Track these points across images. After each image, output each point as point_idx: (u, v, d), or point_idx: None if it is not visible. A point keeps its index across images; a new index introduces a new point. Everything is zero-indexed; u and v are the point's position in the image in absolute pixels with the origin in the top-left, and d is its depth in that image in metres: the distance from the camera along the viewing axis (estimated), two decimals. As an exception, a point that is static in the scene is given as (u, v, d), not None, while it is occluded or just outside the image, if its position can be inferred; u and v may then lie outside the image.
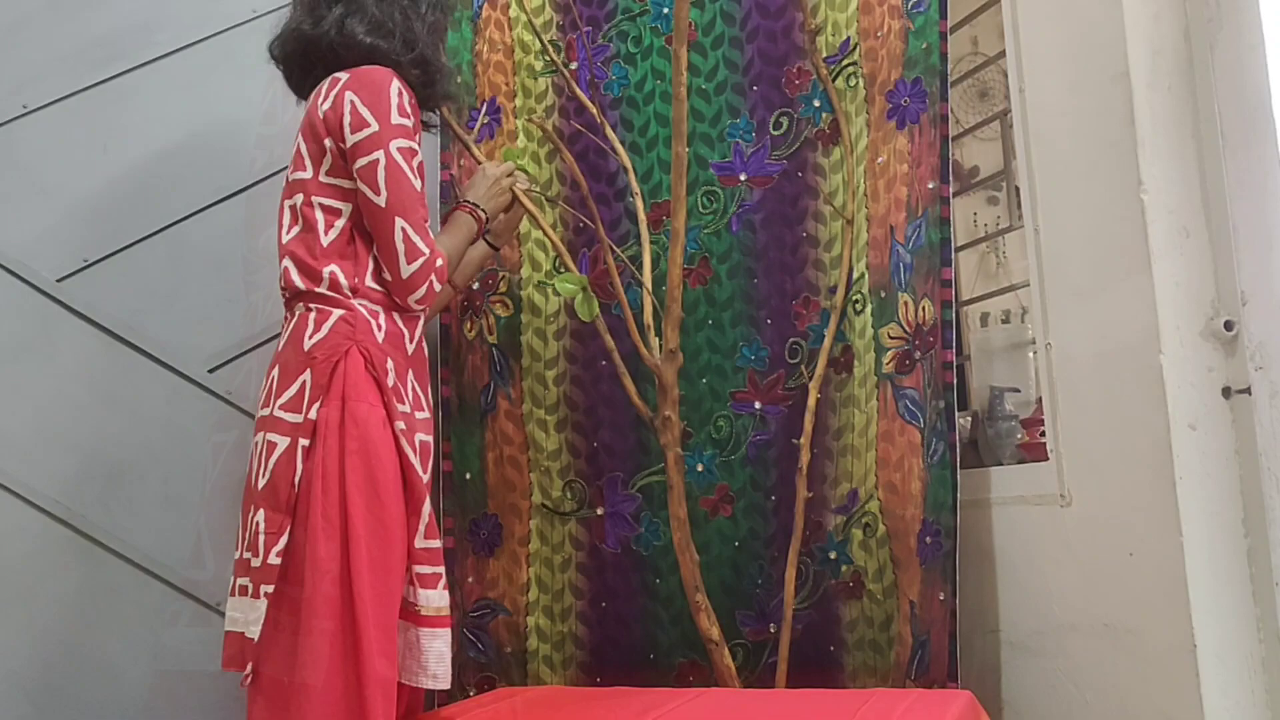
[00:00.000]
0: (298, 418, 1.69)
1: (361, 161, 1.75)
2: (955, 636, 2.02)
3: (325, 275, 1.76)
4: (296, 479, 1.66)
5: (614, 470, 2.40)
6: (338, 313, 1.75)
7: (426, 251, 1.77)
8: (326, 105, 1.79)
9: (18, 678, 1.95)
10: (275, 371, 1.76)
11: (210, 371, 2.20)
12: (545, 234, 2.35)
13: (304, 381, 1.71)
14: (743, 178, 2.40)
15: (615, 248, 2.34)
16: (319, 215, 1.79)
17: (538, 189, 2.13)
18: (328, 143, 1.78)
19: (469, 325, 2.49)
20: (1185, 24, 1.82)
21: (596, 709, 2.00)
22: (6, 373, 2.01)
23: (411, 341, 1.83)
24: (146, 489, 2.11)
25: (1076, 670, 1.91)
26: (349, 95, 1.77)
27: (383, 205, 1.75)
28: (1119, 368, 1.81)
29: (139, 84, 2.20)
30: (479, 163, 2.29)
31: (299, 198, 1.81)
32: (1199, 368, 1.74)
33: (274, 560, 1.64)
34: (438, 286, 1.80)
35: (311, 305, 1.77)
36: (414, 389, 1.81)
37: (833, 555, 2.26)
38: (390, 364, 1.75)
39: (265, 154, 2.32)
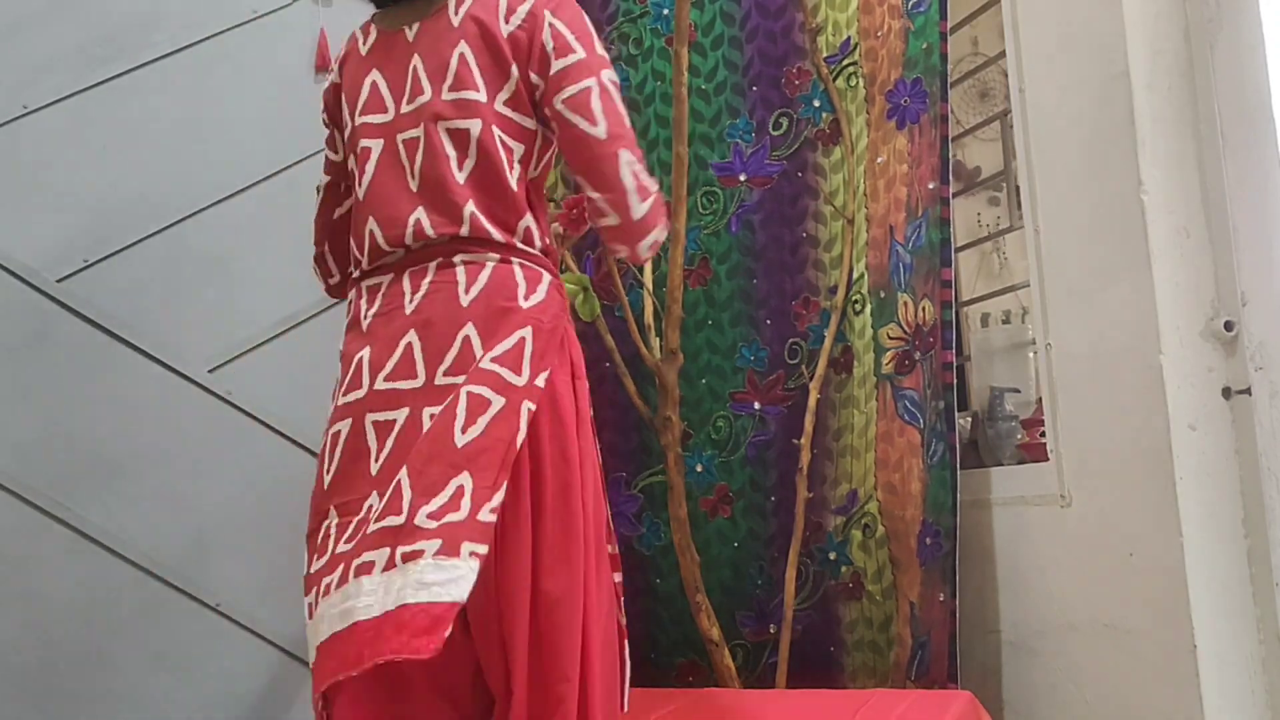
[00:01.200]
0: (518, 379, 1.43)
1: (571, 89, 1.51)
2: (955, 637, 2.02)
3: (520, 228, 1.52)
4: (518, 442, 1.40)
5: (617, 471, 2.40)
6: (548, 277, 1.54)
7: (655, 189, 1.53)
8: (515, 24, 1.53)
9: (17, 677, 1.95)
10: (469, 330, 1.46)
11: (210, 371, 2.20)
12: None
13: (523, 339, 1.46)
14: (742, 178, 2.40)
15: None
16: (501, 151, 1.52)
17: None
18: (514, 69, 1.52)
19: (469, 325, 2.48)
20: (1185, 24, 1.82)
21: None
22: (6, 373, 2.01)
23: None
24: (146, 489, 2.11)
25: (1077, 670, 1.91)
26: (548, 16, 1.53)
27: (602, 136, 1.50)
28: (1119, 368, 1.81)
29: (139, 84, 2.20)
30: None
31: (473, 124, 1.51)
32: (1199, 368, 1.74)
33: (487, 517, 1.36)
34: (664, 232, 1.56)
35: (512, 259, 1.51)
36: None
37: (832, 556, 2.26)
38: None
39: (266, 154, 2.32)
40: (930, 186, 2.13)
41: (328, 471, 1.48)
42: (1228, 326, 1.73)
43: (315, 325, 2.30)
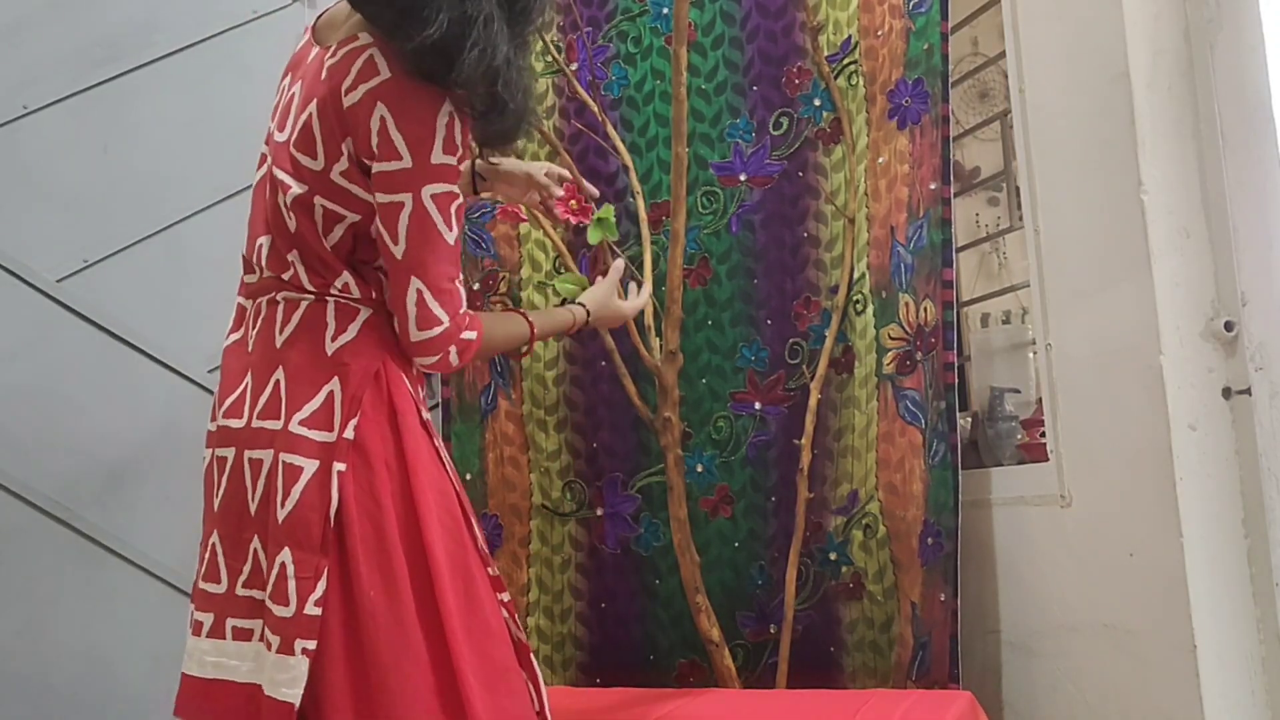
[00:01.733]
0: (328, 436, 1.39)
1: (383, 199, 1.41)
2: (956, 638, 2.02)
3: (338, 285, 1.47)
4: (332, 511, 1.37)
5: (614, 471, 2.40)
6: (365, 311, 1.47)
7: (445, 321, 1.43)
8: (354, 99, 1.39)
9: (17, 677, 1.95)
10: (279, 375, 1.44)
11: (210, 372, 2.20)
12: (546, 234, 2.35)
13: (331, 392, 1.41)
14: (742, 178, 2.40)
15: (615, 249, 2.34)
16: (320, 220, 1.46)
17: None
18: (347, 145, 1.42)
19: (469, 326, 2.48)
20: (1185, 24, 1.82)
21: (597, 710, 2.00)
22: (6, 373, 2.01)
23: None
24: (146, 489, 2.11)
25: (1077, 671, 1.91)
26: (380, 110, 1.38)
27: (398, 258, 1.42)
28: (1119, 368, 1.81)
29: (139, 84, 2.20)
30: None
31: (298, 187, 1.45)
32: (1199, 368, 1.74)
33: (312, 610, 1.34)
34: (454, 359, 1.47)
35: (327, 299, 1.47)
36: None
37: (833, 556, 2.26)
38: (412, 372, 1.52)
39: (265, 154, 2.32)
40: (932, 187, 2.13)
41: (215, 495, 1.50)
42: (1228, 327, 1.73)
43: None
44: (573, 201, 1.87)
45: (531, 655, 1.48)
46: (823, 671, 2.24)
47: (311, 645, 1.34)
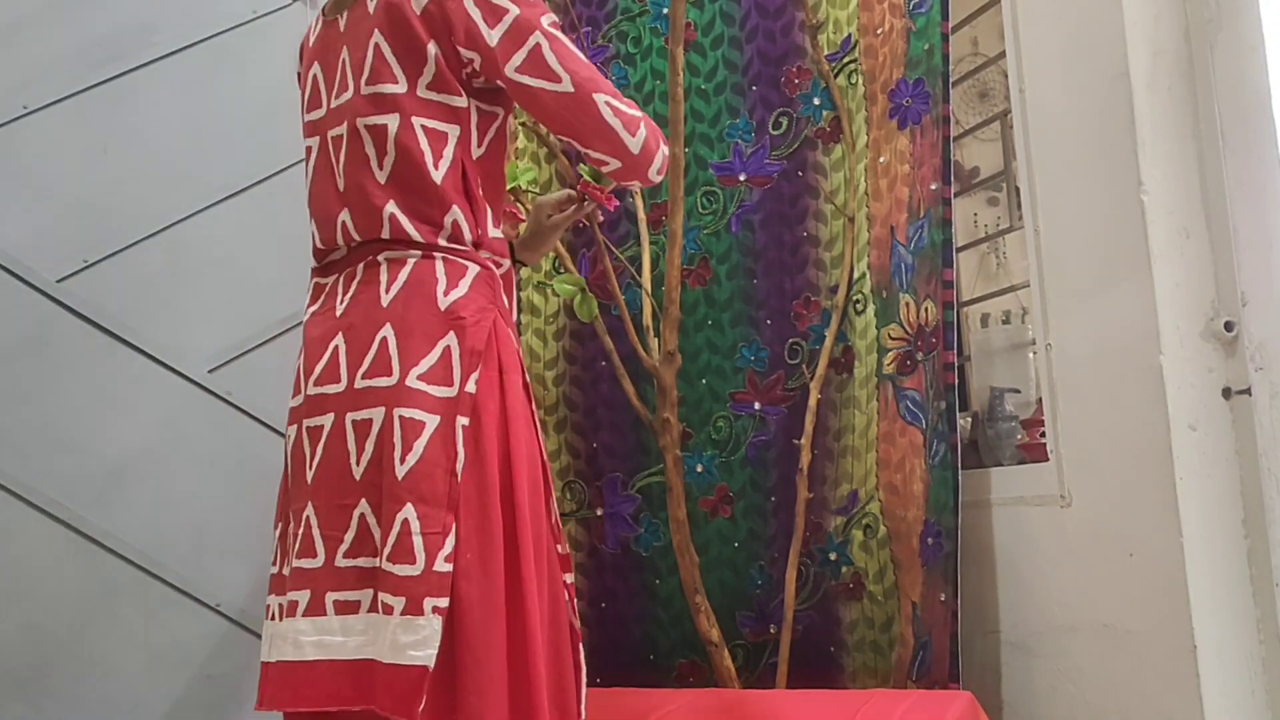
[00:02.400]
0: (449, 391, 1.37)
1: (519, 56, 1.41)
2: (956, 637, 2.02)
3: (447, 224, 1.44)
4: (459, 466, 1.34)
5: (613, 471, 2.40)
6: (474, 268, 1.46)
7: (640, 114, 1.46)
8: (425, 0, 1.42)
9: (17, 677, 1.95)
10: (387, 332, 1.40)
11: (210, 371, 2.20)
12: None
13: (447, 347, 1.39)
14: (742, 178, 2.40)
15: (614, 249, 2.34)
16: (424, 143, 1.43)
17: (537, 190, 2.12)
18: (431, 48, 1.42)
19: (469, 326, 2.49)
20: (1185, 24, 1.82)
21: (596, 710, 2.00)
22: (6, 373, 2.01)
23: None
24: (146, 489, 2.11)
25: (1077, 671, 1.91)
26: None
27: (572, 90, 1.42)
28: (1119, 368, 1.81)
29: (139, 84, 2.20)
30: None
31: (391, 119, 1.43)
32: (1199, 368, 1.74)
33: (443, 567, 1.31)
34: (665, 148, 1.50)
35: (435, 254, 1.44)
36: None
37: (833, 556, 2.26)
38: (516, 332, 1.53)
39: (265, 154, 2.32)
40: (932, 187, 2.13)
41: (287, 475, 1.48)
42: (1228, 327, 1.73)
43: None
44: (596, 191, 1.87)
45: (580, 645, 1.46)
46: (823, 672, 2.24)
47: (444, 603, 1.30)
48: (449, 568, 1.31)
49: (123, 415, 2.12)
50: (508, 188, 1.95)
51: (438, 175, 1.43)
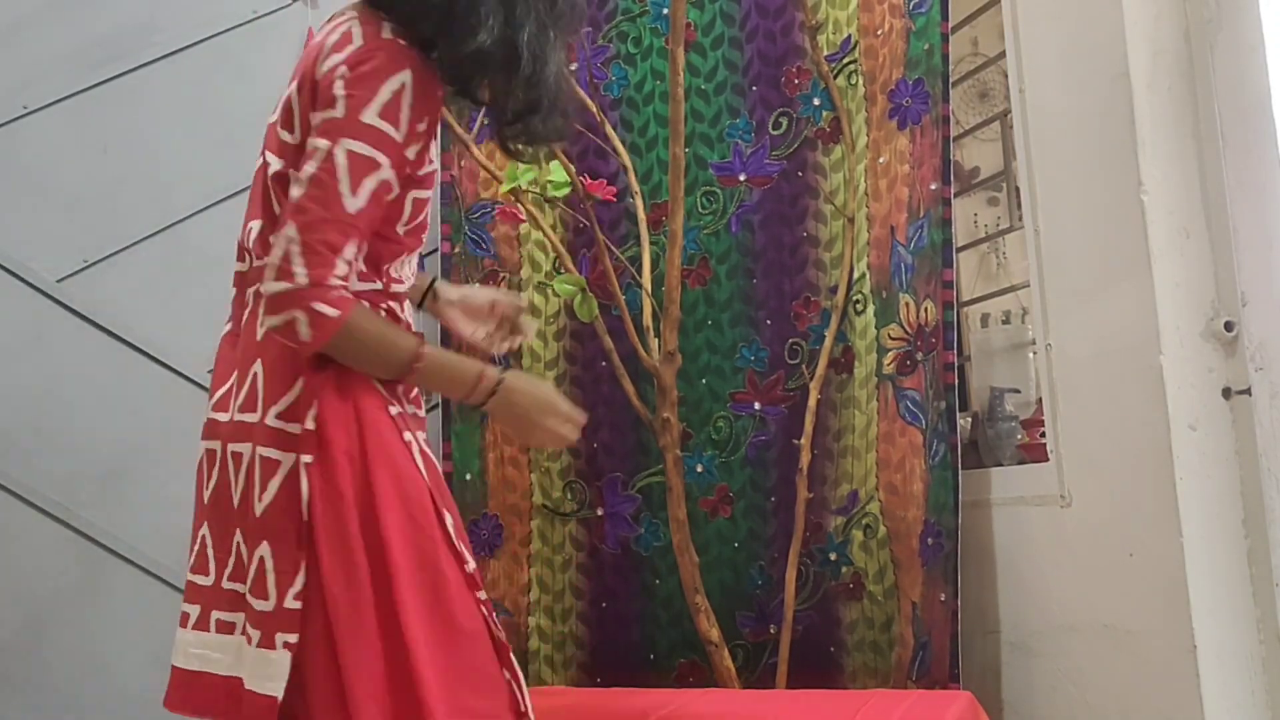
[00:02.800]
0: (296, 428, 1.36)
1: (310, 141, 1.36)
2: (956, 637, 2.02)
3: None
4: (305, 505, 1.34)
5: (614, 471, 2.40)
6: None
7: (302, 280, 1.30)
8: (325, 67, 1.38)
9: (17, 677, 1.95)
10: (257, 368, 1.41)
11: (210, 371, 2.20)
12: (545, 235, 2.35)
13: (301, 383, 1.38)
14: (742, 178, 2.40)
15: (614, 249, 2.34)
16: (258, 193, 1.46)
17: (537, 190, 2.12)
18: (314, 117, 1.39)
19: (469, 326, 2.48)
20: (1185, 24, 1.82)
21: (596, 710, 2.00)
22: (6, 373, 2.01)
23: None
24: (146, 489, 2.11)
25: (1077, 671, 1.91)
26: (335, 60, 1.36)
27: (290, 199, 1.35)
28: (1119, 368, 1.81)
29: (139, 84, 2.20)
30: (479, 163, 2.29)
31: (274, 160, 1.44)
32: (1199, 368, 1.74)
33: (292, 604, 1.33)
34: (304, 331, 1.32)
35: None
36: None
37: (833, 556, 2.26)
38: None
39: (265, 154, 2.32)
40: (932, 187, 2.14)
41: (205, 488, 1.47)
42: (1228, 327, 1.73)
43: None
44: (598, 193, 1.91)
45: (511, 654, 1.43)
46: (823, 671, 2.24)
47: (293, 639, 1.33)
48: (298, 605, 1.33)
49: (123, 415, 2.12)
50: (507, 188, 1.96)
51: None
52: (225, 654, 1.41)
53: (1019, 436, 2.40)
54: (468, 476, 2.44)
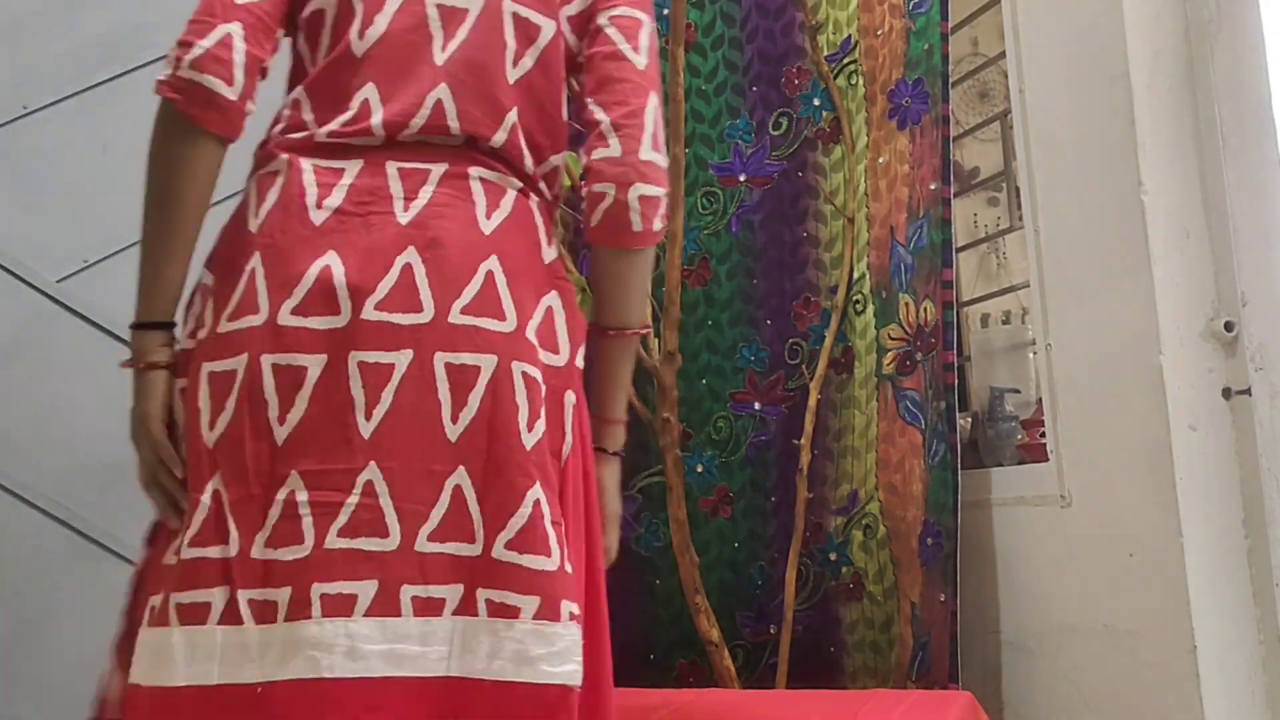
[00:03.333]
0: (557, 359, 1.17)
1: (623, 10, 1.26)
2: (956, 638, 2.02)
3: (548, 167, 1.27)
4: (567, 448, 1.15)
5: (614, 471, 2.40)
6: (558, 230, 1.32)
7: (665, 162, 1.28)
8: None
9: (17, 677, 1.95)
10: (493, 265, 1.14)
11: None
12: (545, 234, 2.35)
13: (550, 308, 1.20)
14: (742, 178, 2.40)
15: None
16: (564, 71, 1.28)
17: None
18: None
19: (469, 326, 2.48)
20: (1185, 25, 1.82)
21: (596, 709, 2.00)
22: (6, 373, 2.01)
23: None
24: (146, 489, 2.11)
25: (1077, 671, 1.91)
26: None
27: (641, 67, 1.25)
28: (1119, 368, 1.81)
29: (139, 84, 2.20)
30: None
31: (548, 24, 1.25)
32: (1199, 368, 1.74)
33: (569, 567, 1.10)
34: (660, 221, 1.26)
35: (532, 196, 1.24)
36: None
37: (833, 557, 2.26)
38: None
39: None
40: (932, 187, 2.13)
41: (279, 420, 1.08)
42: (1228, 327, 1.73)
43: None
44: None
45: None
46: (822, 672, 2.24)
47: (578, 609, 1.07)
48: (571, 569, 1.09)
49: (123, 415, 2.12)
50: None
51: (563, 112, 1.27)
52: (433, 645, 1.04)
53: (1019, 436, 2.40)
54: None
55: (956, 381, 2.10)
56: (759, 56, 2.42)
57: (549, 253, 1.21)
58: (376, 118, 1.17)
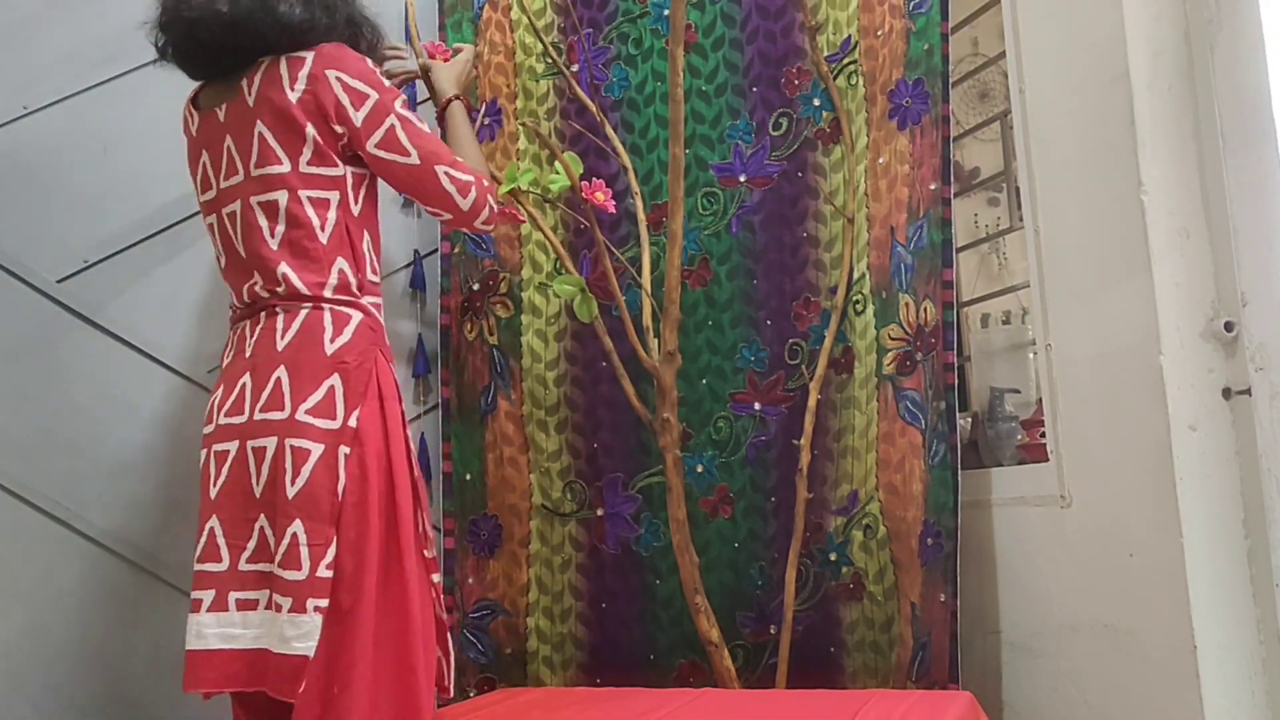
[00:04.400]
0: (333, 424, 1.61)
1: (377, 134, 1.70)
2: (956, 638, 2.02)
3: (332, 278, 1.69)
4: (340, 488, 1.59)
5: (614, 471, 2.40)
6: (358, 316, 1.70)
7: (472, 178, 1.74)
8: (300, 90, 1.67)
9: (17, 678, 1.94)
10: (281, 372, 1.64)
11: (210, 372, 2.20)
12: (545, 236, 2.35)
13: (332, 386, 1.63)
14: (742, 179, 2.40)
15: (614, 249, 2.34)
16: (310, 211, 1.69)
17: (537, 191, 2.12)
18: (310, 130, 1.67)
19: (469, 326, 2.49)
20: (1185, 25, 1.82)
21: (596, 710, 2.00)
22: (6, 373, 2.01)
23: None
24: (146, 489, 2.11)
25: (1077, 671, 1.91)
26: (331, 75, 1.68)
27: (418, 162, 1.71)
28: (1119, 368, 1.81)
29: (139, 84, 2.20)
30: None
31: (280, 194, 1.68)
32: (1199, 369, 1.74)
33: (324, 573, 1.56)
34: (494, 204, 1.78)
35: (323, 305, 1.68)
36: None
37: (833, 557, 2.26)
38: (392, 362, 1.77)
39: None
40: (932, 188, 2.14)
41: (212, 486, 1.67)
42: (1228, 327, 1.73)
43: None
44: (599, 194, 2.06)
45: (446, 633, 1.74)
46: (823, 672, 2.24)
47: (324, 604, 1.55)
48: (329, 574, 1.56)
49: (123, 415, 2.11)
50: (508, 188, 1.97)
51: (324, 237, 1.69)
52: (248, 629, 1.58)
53: (1019, 437, 2.40)
54: (467, 477, 2.44)
55: (956, 381, 2.10)
56: (759, 57, 2.42)
57: (332, 347, 1.65)
58: (237, 303, 1.81)
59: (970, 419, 2.50)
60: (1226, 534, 1.71)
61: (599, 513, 2.40)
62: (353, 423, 1.62)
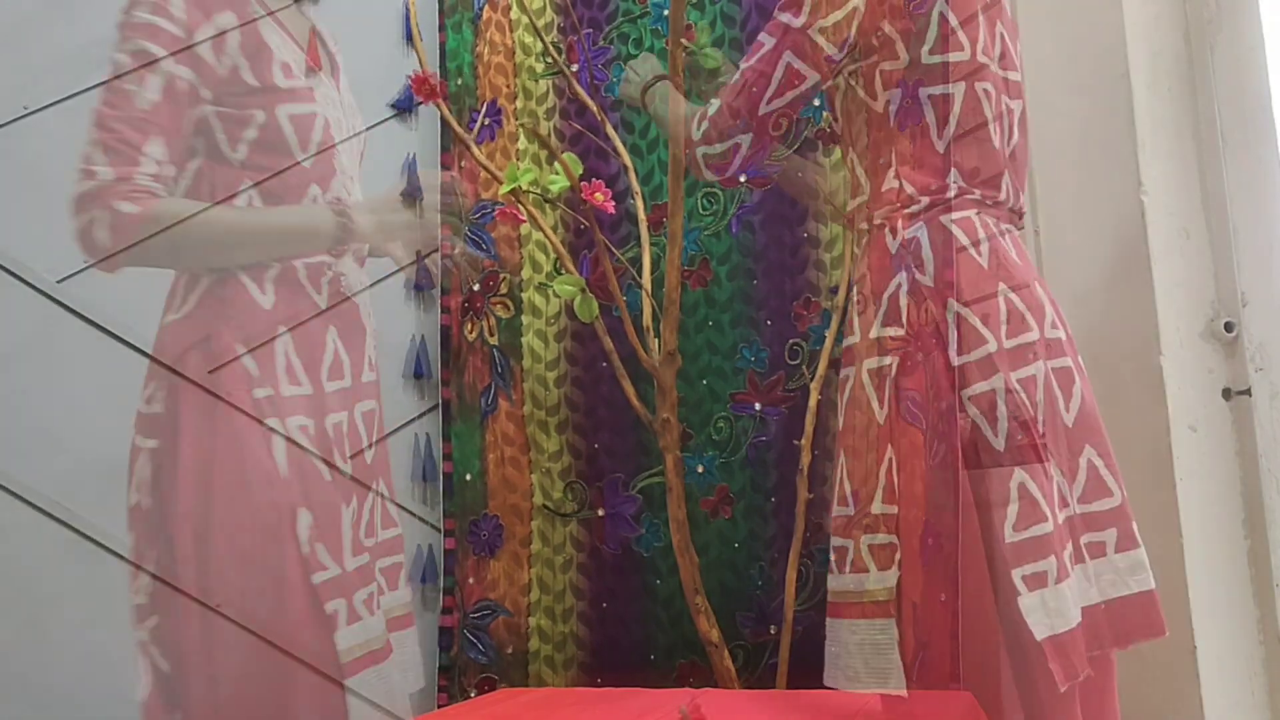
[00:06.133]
0: (1060, 334, 1.66)
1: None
2: (957, 638, 2.02)
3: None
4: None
5: (614, 472, 2.40)
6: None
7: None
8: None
9: (17, 678, 1.94)
10: (1041, 291, 1.66)
11: (210, 372, 2.20)
12: (545, 236, 2.35)
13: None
14: (742, 179, 2.40)
15: (614, 250, 2.34)
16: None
17: (537, 190, 2.12)
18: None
19: (469, 326, 2.49)
20: (1185, 25, 1.82)
21: (597, 710, 2.00)
22: (6, 373, 2.01)
23: None
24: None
25: (1077, 671, 1.91)
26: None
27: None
28: (1119, 368, 1.81)
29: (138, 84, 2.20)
30: (479, 163, 2.29)
31: (1018, 105, 1.68)
32: (1199, 369, 1.74)
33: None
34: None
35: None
36: None
37: (833, 556, 2.26)
38: None
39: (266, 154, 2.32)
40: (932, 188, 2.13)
41: (1066, 410, 1.62)
42: (1228, 327, 1.73)
43: (316, 326, 2.30)
44: (599, 194, 2.01)
45: None
46: (823, 672, 2.23)
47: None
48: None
49: (123, 415, 2.11)
50: (507, 189, 1.97)
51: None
52: (1092, 582, 1.57)
53: (1019, 437, 2.39)
54: (468, 477, 2.44)
55: (957, 381, 2.09)
56: (759, 57, 2.42)
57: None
58: (1001, 192, 1.70)
59: (970, 419, 2.49)
60: (1226, 534, 1.71)
61: (600, 513, 2.40)
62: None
